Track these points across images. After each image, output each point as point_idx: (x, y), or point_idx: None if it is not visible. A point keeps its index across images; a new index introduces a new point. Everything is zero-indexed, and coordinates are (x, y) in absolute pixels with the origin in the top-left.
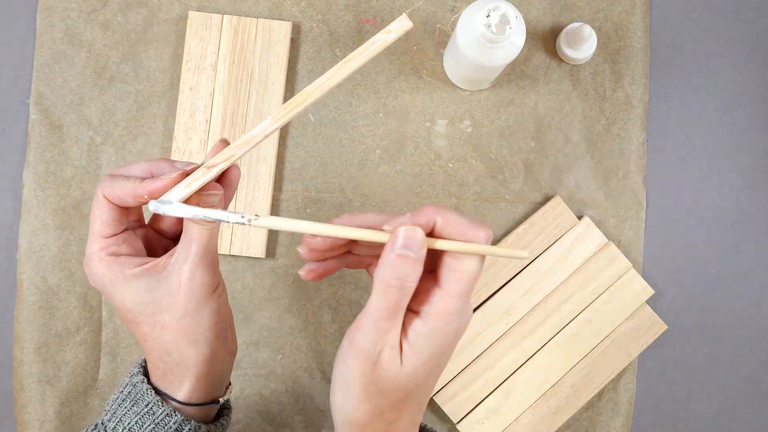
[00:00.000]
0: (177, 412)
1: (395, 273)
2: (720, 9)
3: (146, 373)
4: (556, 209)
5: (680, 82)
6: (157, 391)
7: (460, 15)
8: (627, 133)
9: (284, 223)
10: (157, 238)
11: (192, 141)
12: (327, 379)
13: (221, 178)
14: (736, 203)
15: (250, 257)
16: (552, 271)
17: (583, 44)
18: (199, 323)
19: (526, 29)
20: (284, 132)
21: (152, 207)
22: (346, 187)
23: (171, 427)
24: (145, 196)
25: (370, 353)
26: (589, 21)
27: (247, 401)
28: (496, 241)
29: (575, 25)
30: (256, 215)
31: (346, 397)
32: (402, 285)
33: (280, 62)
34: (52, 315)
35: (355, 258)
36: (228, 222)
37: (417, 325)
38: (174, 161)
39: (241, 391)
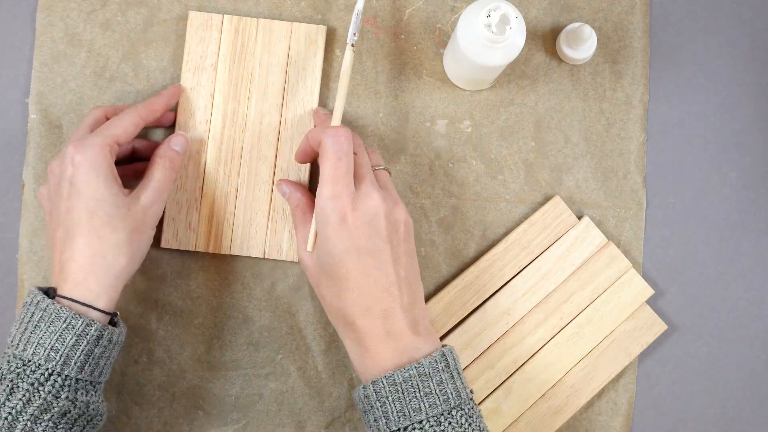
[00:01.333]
0: (95, 321)
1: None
2: (720, 9)
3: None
4: (556, 209)
5: (680, 82)
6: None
7: (460, 15)
8: (627, 133)
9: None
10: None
11: (192, 141)
12: (326, 379)
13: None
14: (736, 203)
15: (251, 257)
16: (552, 271)
17: (583, 44)
18: (139, 242)
19: (526, 29)
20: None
21: None
22: None
23: (93, 336)
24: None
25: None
26: (589, 21)
27: (247, 401)
28: (495, 242)
29: (575, 25)
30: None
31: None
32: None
33: (279, 62)
34: None
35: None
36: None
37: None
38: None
39: (241, 390)
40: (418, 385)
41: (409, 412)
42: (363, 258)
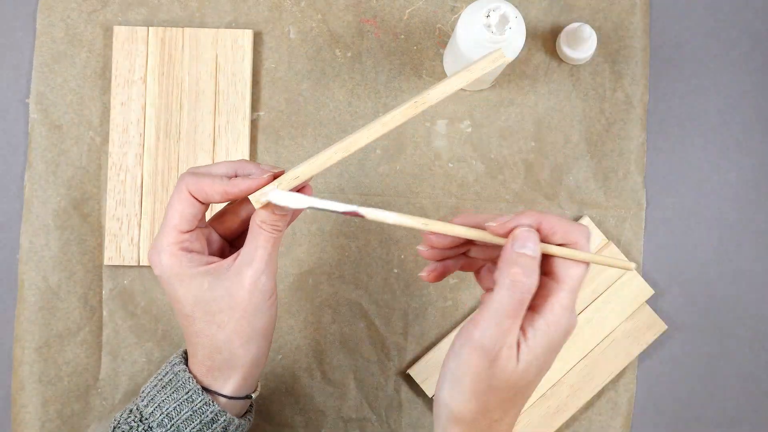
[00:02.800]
0: (215, 403)
1: (520, 270)
2: (720, 9)
3: (188, 364)
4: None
5: (680, 82)
6: (199, 383)
7: (460, 15)
8: (627, 133)
9: (396, 218)
10: (216, 239)
11: (127, 156)
12: (327, 380)
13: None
14: (736, 203)
15: None
16: None
17: (583, 44)
18: (254, 326)
19: (526, 29)
20: (284, 132)
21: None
22: (346, 187)
23: (208, 416)
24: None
25: (490, 351)
26: (589, 21)
27: None
28: None
29: (575, 25)
30: (368, 207)
31: (455, 393)
32: (524, 284)
33: (208, 70)
34: (53, 315)
35: (469, 260)
36: (339, 213)
37: (533, 321)
38: (259, 163)
39: None
40: None
41: None
42: (537, 380)
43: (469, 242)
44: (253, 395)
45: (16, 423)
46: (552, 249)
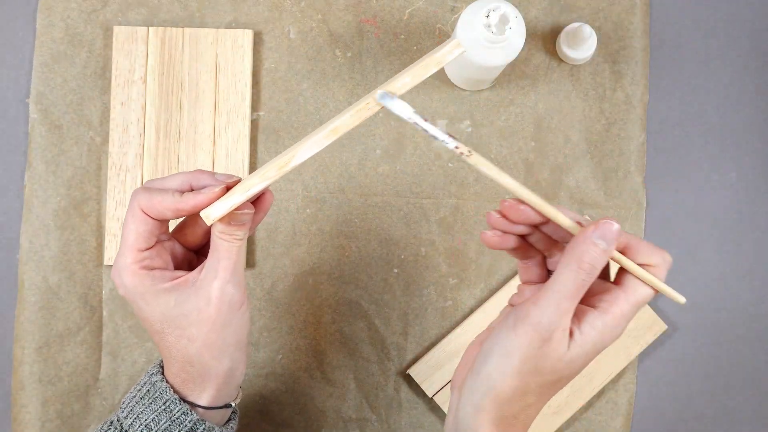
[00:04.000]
0: (192, 411)
1: (589, 257)
2: (720, 9)
3: (165, 374)
4: None
5: (680, 82)
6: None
7: (460, 15)
8: (627, 133)
9: (495, 172)
10: (181, 251)
11: (127, 156)
12: (327, 379)
13: (256, 201)
14: (736, 203)
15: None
16: None
17: (583, 44)
18: (224, 338)
19: (526, 29)
20: (284, 132)
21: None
22: (346, 187)
23: (186, 426)
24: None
25: (545, 329)
26: (589, 21)
27: (247, 401)
28: None
29: (575, 25)
30: (469, 151)
31: (501, 366)
32: (591, 269)
33: (208, 70)
34: (53, 315)
35: (526, 247)
36: (442, 142)
37: (592, 317)
38: (214, 173)
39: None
40: None
41: None
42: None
43: (535, 228)
44: (233, 403)
45: (16, 423)
46: (625, 261)
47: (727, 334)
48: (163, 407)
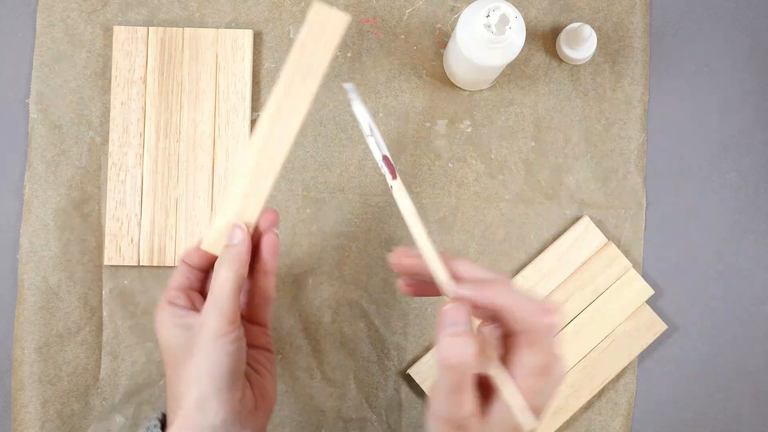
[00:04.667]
0: None
1: (449, 352)
2: (720, 9)
3: (164, 424)
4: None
5: (680, 82)
6: None
7: (460, 15)
8: (627, 133)
9: (408, 212)
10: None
11: (127, 156)
12: (327, 379)
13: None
14: (736, 203)
15: None
16: (552, 271)
17: (583, 44)
18: (197, 365)
19: (526, 29)
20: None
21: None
22: (346, 187)
23: None
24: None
25: (449, 421)
26: (589, 21)
27: None
28: (497, 242)
29: (575, 25)
30: (393, 185)
31: None
32: (459, 362)
33: (208, 70)
34: (53, 315)
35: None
36: (378, 157)
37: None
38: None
39: None
40: None
41: None
42: None
43: None
44: None
45: (16, 423)
46: (498, 375)
47: (727, 334)
48: None
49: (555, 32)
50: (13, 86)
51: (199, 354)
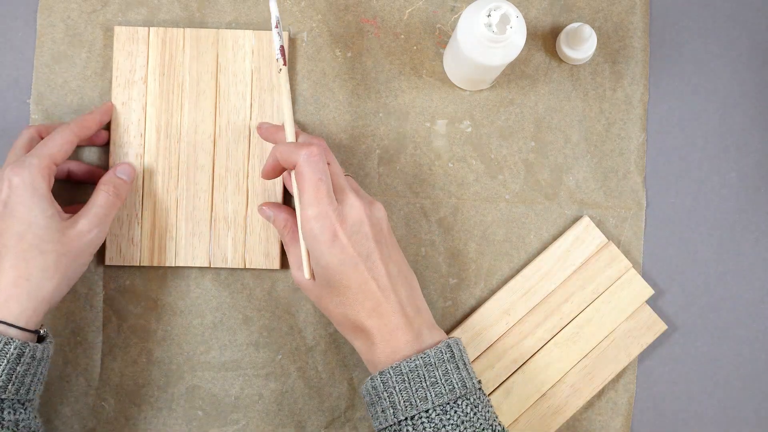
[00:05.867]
0: (14, 339)
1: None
2: (720, 9)
3: None
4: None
5: (680, 82)
6: None
7: (460, 15)
8: (627, 133)
9: (284, 96)
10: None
11: (128, 156)
12: (327, 379)
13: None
14: (736, 203)
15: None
16: (552, 271)
17: (583, 44)
18: (69, 267)
19: (526, 29)
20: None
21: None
22: None
23: (12, 354)
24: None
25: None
26: (589, 21)
27: (247, 401)
28: (498, 242)
29: (575, 25)
30: (282, 67)
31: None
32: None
33: (209, 70)
34: (54, 315)
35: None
36: (275, 39)
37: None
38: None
39: (241, 391)
40: (424, 375)
41: (415, 401)
42: (359, 266)
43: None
44: (42, 330)
45: None
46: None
47: (727, 334)
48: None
49: (555, 32)
50: (13, 87)
51: (77, 258)
